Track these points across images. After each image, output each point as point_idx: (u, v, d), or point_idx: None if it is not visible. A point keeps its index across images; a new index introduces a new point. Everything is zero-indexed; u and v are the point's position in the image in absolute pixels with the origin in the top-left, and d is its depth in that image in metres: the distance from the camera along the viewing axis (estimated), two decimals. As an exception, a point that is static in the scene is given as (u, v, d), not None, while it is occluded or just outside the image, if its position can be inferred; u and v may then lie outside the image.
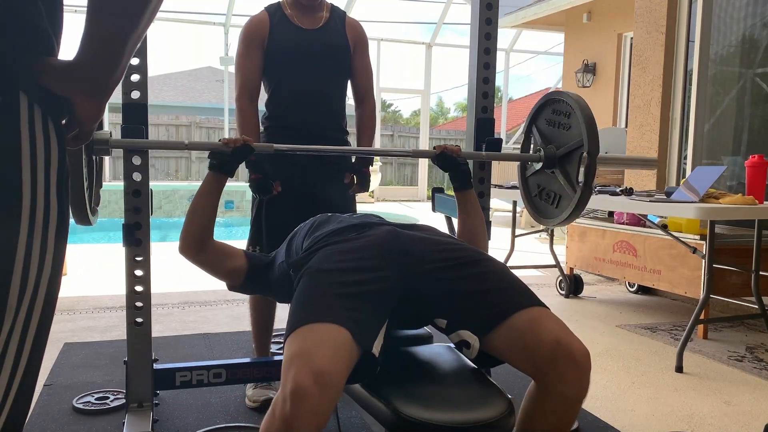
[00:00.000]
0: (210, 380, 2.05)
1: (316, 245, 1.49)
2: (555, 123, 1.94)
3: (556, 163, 1.92)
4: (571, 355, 1.24)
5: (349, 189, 2.31)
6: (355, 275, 1.35)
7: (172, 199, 10.46)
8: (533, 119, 2.04)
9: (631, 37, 6.46)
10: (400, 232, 1.49)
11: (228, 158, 1.69)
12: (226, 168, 1.69)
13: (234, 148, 1.70)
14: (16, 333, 0.73)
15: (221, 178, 1.70)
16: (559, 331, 1.27)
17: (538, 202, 2.05)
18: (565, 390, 1.25)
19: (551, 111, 1.96)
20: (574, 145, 1.84)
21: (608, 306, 3.93)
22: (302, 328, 1.23)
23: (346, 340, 1.21)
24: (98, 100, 0.81)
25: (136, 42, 0.79)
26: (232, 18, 10.78)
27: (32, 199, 0.73)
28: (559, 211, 1.93)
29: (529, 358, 1.28)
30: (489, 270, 1.42)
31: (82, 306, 3.64)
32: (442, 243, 1.48)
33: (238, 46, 2.21)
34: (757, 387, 2.57)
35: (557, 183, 1.94)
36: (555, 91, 1.98)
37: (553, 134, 1.95)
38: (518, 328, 1.29)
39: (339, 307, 1.27)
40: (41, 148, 0.74)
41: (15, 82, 0.72)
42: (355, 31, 2.30)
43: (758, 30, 3.82)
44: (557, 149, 1.92)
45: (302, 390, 1.11)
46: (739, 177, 3.81)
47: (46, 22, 0.75)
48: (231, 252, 1.71)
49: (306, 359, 1.15)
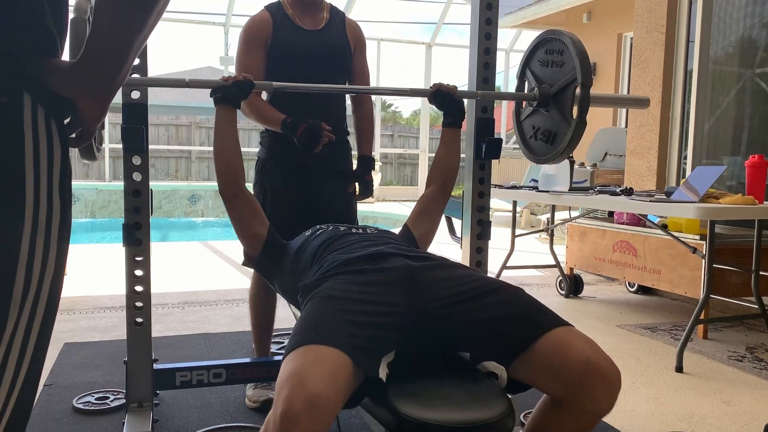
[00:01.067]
0: (210, 380, 2.05)
1: (327, 272, 1.47)
2: (548, 62, 1.97)
3: (551, 101, 1.95)
4: (602, 374, 1.22)
5: (353, 196, 2.32)
6: (362, 306, 1.32)
7: (172, 199, 10.47)
8: (527, 62, 2.06)
9: (631, 37, 6.46)
10: (414, 268, 1.44)
11: (232, 89, 1.77)
12: (230, 99, 1.78)
13: (235, 81, 1.78)
14: (19, 332, 0.74)
15: (230, 110, 1.79)
16: (589, 350, 1.24)
17: (534, 143, 2.07)
18: (594, 407, 1.23)
19: (544, 51, 1.99)
20: (568, 80, 1.87)
21: (608, 306, 3.93)
22: (300, 349, 1.20)
23: (345, 365, 1.18)
24: (102, 101, 0.81)
25: (141, 44, 0.79)
26: (232, 18, 10.78)
27: (35, 198, 0.73)
28: (553, 147, 1.96)
29: (558, 381, 1.24)
30: (507, 298, 1.38)
31: (82, 306, 3.65)
32: (457, 276, 1.45)
33: (239, 44, 2.20)
34: (757, 387, 2.57)
35: (552, 120, 1.96)
36: (548, 30, 2.01)
37: (547, 74, 1.98)
38: (544, 352, 1.26)
39: (340, 331, 1.24)
40: (44, 148, 0.74)
41: (19, 82, 0.73)
42: (354, 32, 2.31)
43: (758, 30, 3.82)
44: (551, 87, 1.95)
45: (293, 414, 1.08)
46: (739, 177, 3.81)
47: (51, 23, 0.75)
48: (260, 215, 1.79)
49: (299, 381, 1.11)
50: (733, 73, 3.98)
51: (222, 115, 1.78)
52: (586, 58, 1.81)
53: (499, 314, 1.33)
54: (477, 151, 2.14)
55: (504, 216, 7.39)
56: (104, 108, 0.83)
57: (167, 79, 1.96)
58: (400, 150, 14.13)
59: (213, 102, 1.78)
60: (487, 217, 2.21)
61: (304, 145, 2.02)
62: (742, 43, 3.92)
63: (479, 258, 2.14)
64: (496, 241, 2.93)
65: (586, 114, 1.81)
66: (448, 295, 1.37)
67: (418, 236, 1.83)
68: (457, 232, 2.31)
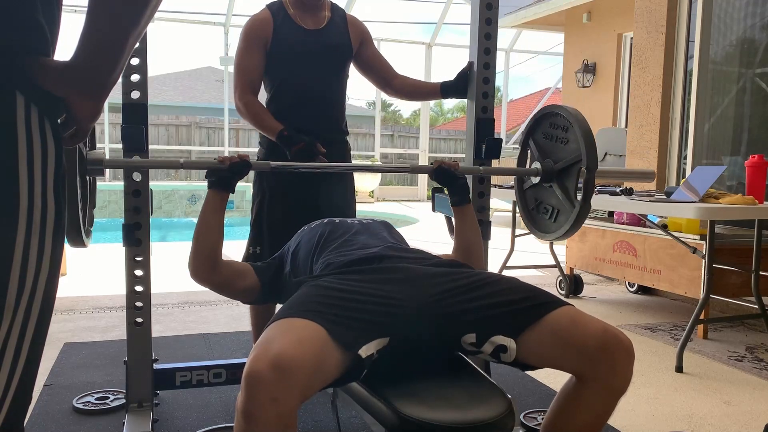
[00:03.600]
0: (210, 380, 2.05)
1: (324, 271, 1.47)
2: (552, 137, 1.94)
3: (554, 177, 1.92)
4: (620, 343, 1.26)
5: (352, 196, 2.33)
6: (353, 294, 1.33)
7: (172, 199, 10.46)
8: (530, 132, 2.04)
9: (631, 37, 6.46)
10: (413, 269, 1.45)
11: (226, 174, 1.68)
12: (225, 184, 1.68)
13: (231, 164, 1.68)
14: (14, 333, 0.73)
15: (222, 195, 1.68)
16: (602, 322, 1.29)
17: (536, 215, 2.05)
18: (615, 380, 1.25)
19: (548, 125, 1.96)
20: (572, 160, 1.85)
21: (608, 306, 3.93)
22: (272, 324, 1.22)
23: (318, 335, 1.18)
24: (96, 100, 0.81)
25: (135, 42, 0.79)
26: (232, 18, 10.78)
27: (29, 198, 0.73)
28: (557, 225, 1.93)
29: (576, 353, 1.26)
30: (509, 286, 1.40)
31: (82, 306, 3.64)
32: (456, 271, 1.46)
33: (239, 43, 2.20)
34: (757, 387, 2.57)
35: (555, 197, 1.93)
36: (552, 105, 1.97)
37: (551, 148, 1.95)
38: (559, 324, 1.29)
39: (320, 309, 1.25)
40: (38, 147, 0.74)
41: (11, 81, 0.72)
42: (357, 28, 2.30)
43: (758, 30, 3.82)
44: (555, 163, 1.92)
45: (257, 374, 1.08)
46: (739, 177, 3.81)
47: (43, 18, 0.75)
48: (242, 271, 1.67)
49: (266, 345, 1.13)
50: (733, 73, 3.97)
51: (213, 201, 1.66)
52: (592, 140, 1.78)
53: (506, 298, 1.36)
54: (477, 151, 2.14)
55: (504, 216, 7.38)
56: (99, 107, 0.82)
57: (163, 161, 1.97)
58: (400, 150, 14.12)
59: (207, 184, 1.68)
60: (487, 217, 2.21)
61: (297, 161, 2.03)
62: (742, 43, 3.92)
63: (479, 258, 2.14)
64: (496, 241, 2.93)
65: (590, 197, 1.79)
66: (447, 290, 1.38)
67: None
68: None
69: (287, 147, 2.09)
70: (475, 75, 2.13)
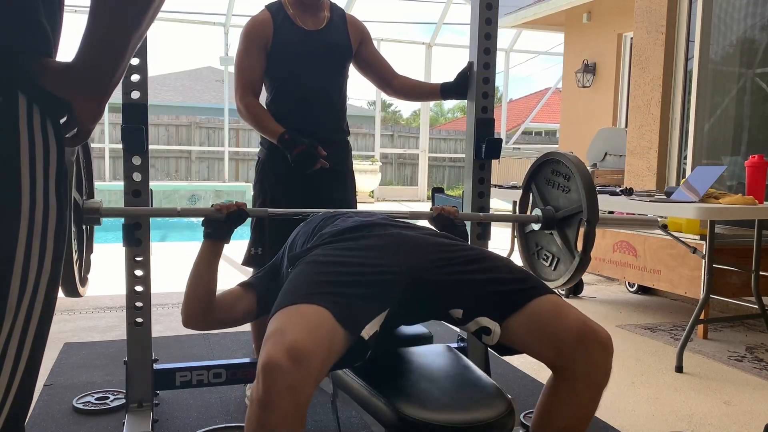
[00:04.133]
0: (210, 380, 2.05)
1: (317, 242, 1.49)
2: (554, 183, 1.95)
3: (555, 225, 1.92)
4: (597, 336, 1.25)
5: (353, 196, 2.33)
6: (349, 267, 1.34)
7: (172, 199, 10.46)
8: (532, 177, 2.05)
9: (631, 37, 6.46)
10: (406, 234, 1.47)
11: (222, 224, 1.67)
12: (221, 234, 1.67)
13: (228, 213, 1.67)
14: (16, 333, 0.73)
15: (218, 245, 1.67)
16: (582, 315, 1.29)
17: (536, 261, 2.05)
18: (592, 374, 1.25)
19: (551, 171, 1.97)
20: (573, 210, 1.85)
21: (608, 306, 3.93)
22: (281, 311, 1.22)
23: (326, 320, 1.19)
24: (98, 102, 0.81)
25: (137, 44, 0.79)
26: (232, 18, 10.78)
27: (31, 199, 0.73)
28: (557, 274, 1.93)
29: (554, 343, 1.26)
30: (501, 264, 1.42)
31: (82, 306, 3.64)
32: (449, 243, 1.48)
33: (240, 44, 2.19)
34: (757, 387, 2.57)
35: (555, 245, 1.94)
36: (554, 152, 1.97)
37: (552, 194, 1.96)
38: (541, 312, 1.29)
39: (322, 290, 1.26)
40: (40, 148, 0.74)
41: (14, 82, 0.72)
42: (357, 28, 2.30)
43: (758, 30, 3.82)
44: (556, 211, 1.93)
45: (274, 363, 1.09)
46: (739, 177, 3.81)
47: (45, 21, 0.75)
48: (236, 298, 1.63)
49: (279, 335, 1.13)
50: (733, 73, 3.97)
51: (208, 252, 1.65)
52: (593, 191, 1.79)
53: (494, 275, 1.37)
54: (477, 151, 2.14)
55: (504, 216, 7.37)
56: (101, 108, 0.82)
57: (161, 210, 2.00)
58: (400, 150, 14.13)
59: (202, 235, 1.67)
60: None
61: (298, 166, 2.02)
62: (742, 43, 3.92)
63: (479, 258, 2.14)
64: (497, 241, 2.93)
65: (590, 249, 1.80)
66: (441, 258, 1.40)
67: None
68: (457, 233, 2.31)
69: (288, 150, 2.09)
70: (475, 75, 2.13)
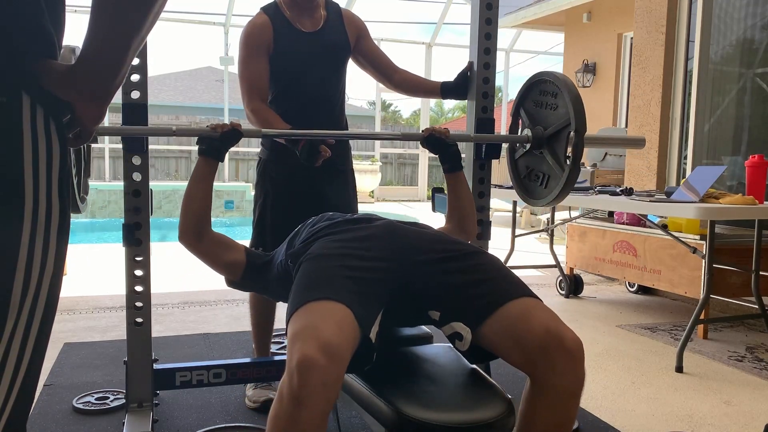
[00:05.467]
0: (210, 380, 2.05)
1: (314, 236, 1.51)
2: (542, 104, 1.96)
3: (544, 144, 1.94)
4: (561, 343, 1.21)
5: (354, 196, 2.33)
6: (355, 261, 1.36)
7: (172, 199, 10.45)
8: (521, 101, 2.06)
9: (631, 37, 6.46)
10: (398, 225, 1.51)
11: (216, 143, 1.72)
12: (215, 152, 1.72)
13: (222, 133, 1.72)
14: (18, 332, 0.74)
15: (212, 163, 1.72)
16: (549, 320, 1.25)
17: (528, 183, 2.07)
18: (558, 381, 1.21)
19: (538, 92, 1.99)
20: (562, 124, 1.87)
21: (608, 306, 3.93)
22: (305, 307, 1.23)
23: (349, 318, 1.21)
24: (100, 104, 0.81)
25: (138, 46, 0.79)
26: (232, 18, 10.78)
27: (34, 198, 0.73)
28: (548, 191, 1.96)
29: (520, 349, 1.25)
30: (482, 262, 1.42)
31: (82, 306, 3.65)
32: (438, 237, 1.51)
33: (240, 51, 2.16)
34: (757, 387, 2.57)
35: (546, 163, 1.96)
36: (541, 72, 1.99)
37: (541, 115, 1.97)
38: (509, 318, 1.28)
39: (341, 287, 1.28)
40: (43, 148, 0.74)
41: (18, 82, 0.72)
42: (353, 23, 2.29)
43: (758, 30, 3.82)
44: (545, 129, 1.94)
45: (310, 360, 1.09)
46: (739, 177, 3.81)
47: (48, 22, 0.75)
48: (230, 244, 1.71)
49: (312, 332, 1.14)
50: (733, 73, 3.97)
51: (202, 168, 1.70)
52: (580, 103, 1.80)
53: (472, 278, 1.37)
54: (477, 151, 2.14)
55: (504, 216, 7.38)
56: (103, 110, 0.83)
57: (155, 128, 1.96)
58: (400, 150, 14.13)
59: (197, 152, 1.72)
60: (487, 217, 2.21)
61: (305, 159, 2.03)
62: (742, 43, 3.92)
63: (479, 258, 2.14)
64: (496, 241, 2.93)
65: (579, 160, 1.81)
66: (430, 251, 1.42)
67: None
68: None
69: (293, 146, 2.08)
70: (475, 75, 2.13)
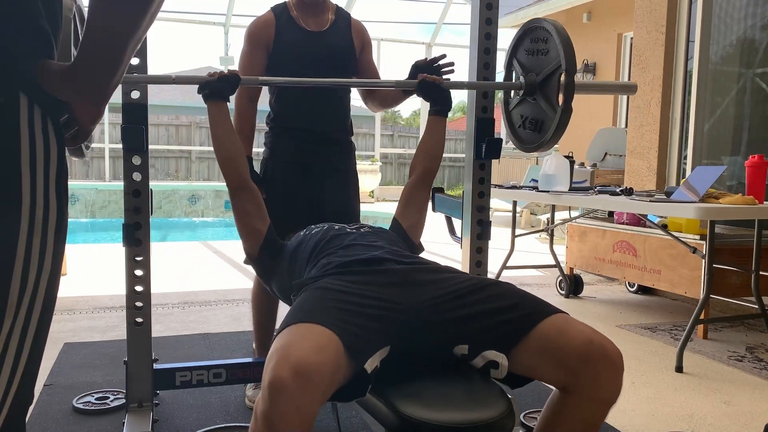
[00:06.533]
0: (210, 380, 2.05)
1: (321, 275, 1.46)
2: (534, 51, 1.98)
3: (537, 89, 1.96)
4: (605, 353, 1.20)
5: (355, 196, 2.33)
6: (356, 298, 1.32)
7: (172, 199, 10.46)
8: (513, 51, 2.07)
9: (631, 37, 6.46)
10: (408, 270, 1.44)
11: (217, 84, 1.79)
12: (218, 94, 1.80)
13: (221, 76, 1.80)
14: (16, 332, 0.74)
15: (220, 104, 1.80)
16: (589, 331, 1.24)
17: (522, 132, 2.09)
18: (600, 392, 1.21)
19: (530, 40, 2.00)
20: (553, 67, 1.88)
21: (608, 306, 3.93)
22: (289, 327, 1.21)
23: (333, 342, 1.17)
24: (97, 104, 0.81)
25: (135, 47, 0.79)
26: (232, 18, 10.78)
27: (32, 198, 0.73)
28: (542, 135, 1.97)
29: (560, 364, 1.22)
30: (501, 291, 1.38)
31: (82, 306, 3.65)
32: (450, 277, 1.44)
33: (243, 45, 2.23)
34: (757, 387, 2.57)
35: (539, 109, 1.97)
36: (532, 19, 2.02)
37: (533, 63, 1.99)
38: (546, 335, 1.25)
39: (331, 315, 1.24)
40: (41, 147, 0.74)
41: (15, 82, 0.72)
42: (360, 33, 2.31)
43: (758, 30, 3.82)
44: (537, 75, 1.96)
45: (279, 382, 1.07)
46: (739, 177, 3.81)
47: (46, 22, 0.75)
48: (263, 211, 1.80)
49: (286, 351, 1.12)
50: (733, 73, 3.97)
51: (213, 110, 1.80)
52: (570, 44, 1.82)
53: (496, 305, 1.33)
54: (477, 151, 2.14)
55: (504, 216, 7.39)
56: (100, 110, 0.83)
57: (154, 76, 1.98)
58: (400, 150, 14.13)
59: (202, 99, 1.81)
60: (487, 217, 2.21)
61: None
62: (742, 43, 3.92)
63: (479, 258, 2.14)
64: (496, 241, 2.93)
65: (571, 101, 1.82)
66: (443, 294, 1.36)
67: (406, 227, 1.84)
68: (457, 232, 2.31)
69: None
70: (475, 75, 2.13)
